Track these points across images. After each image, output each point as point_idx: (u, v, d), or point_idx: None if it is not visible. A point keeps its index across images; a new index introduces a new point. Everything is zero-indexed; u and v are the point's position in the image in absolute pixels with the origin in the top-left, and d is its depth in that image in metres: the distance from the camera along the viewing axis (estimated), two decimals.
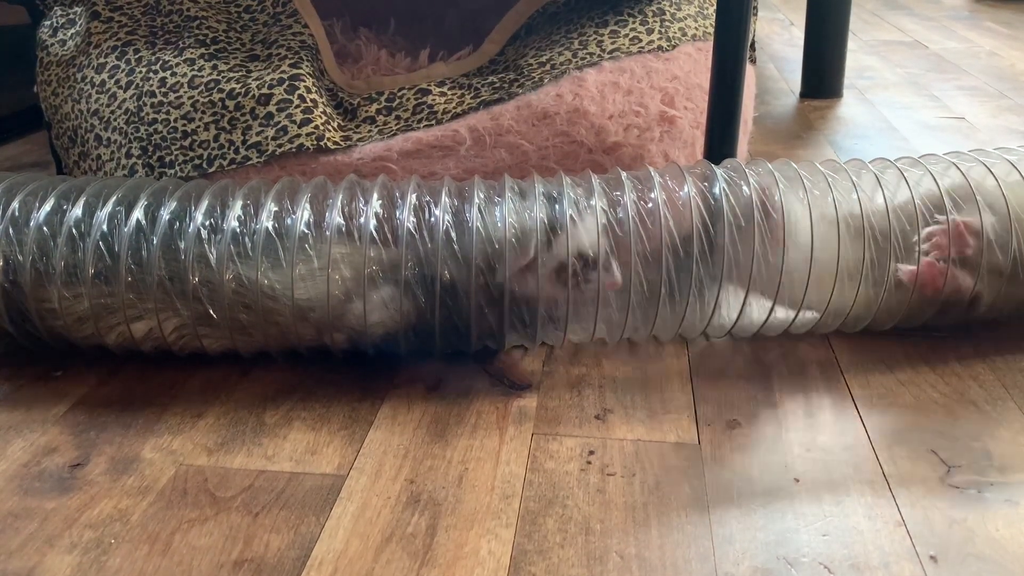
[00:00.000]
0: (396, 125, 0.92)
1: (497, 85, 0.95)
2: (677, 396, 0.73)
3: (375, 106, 0.93)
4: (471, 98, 0.93)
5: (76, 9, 1.01)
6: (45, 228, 0.72)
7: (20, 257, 0.72)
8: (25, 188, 0.75)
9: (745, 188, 0.73)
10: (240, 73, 0.91)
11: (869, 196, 0.75)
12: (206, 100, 0.89)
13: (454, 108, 0.92)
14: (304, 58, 0.92)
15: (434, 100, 0.93)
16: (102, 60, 0.94)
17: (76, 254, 0.71)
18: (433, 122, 0.92)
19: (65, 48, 0.99)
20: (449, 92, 0.95)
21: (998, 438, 0.67)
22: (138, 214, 0.72)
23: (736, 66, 0.88)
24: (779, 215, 0.72)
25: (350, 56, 1.15)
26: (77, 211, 0.72)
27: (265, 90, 0.88)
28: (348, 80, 0.98)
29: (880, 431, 0.68)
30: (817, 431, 0.68)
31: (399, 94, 0.94)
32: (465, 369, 0.77)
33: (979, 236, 0.72)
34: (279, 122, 0.88)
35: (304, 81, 0.90)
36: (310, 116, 0.88)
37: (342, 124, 0.92)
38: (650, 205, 0.72)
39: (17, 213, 0.73)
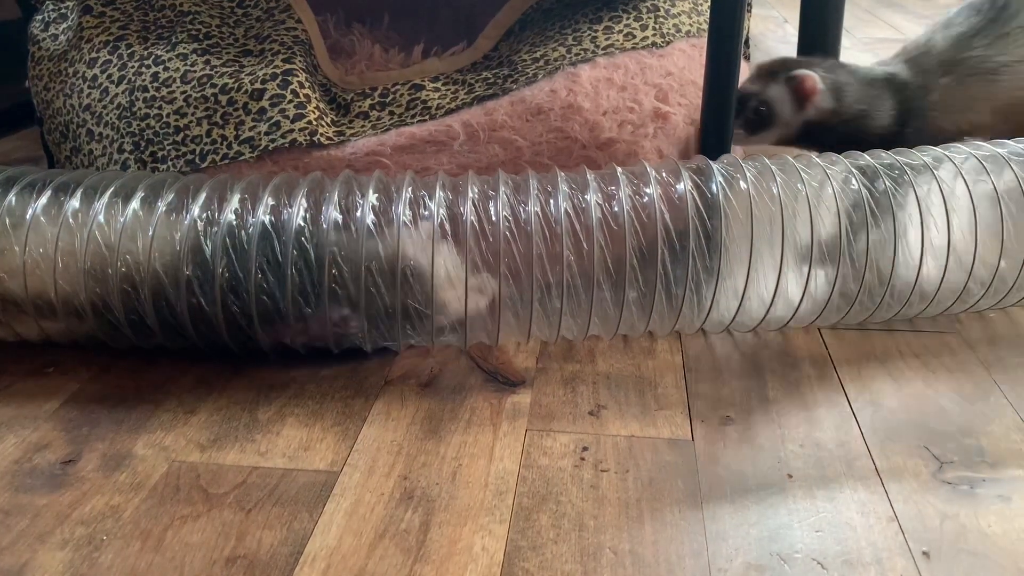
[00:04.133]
0: (389, 120, 0.92)
1: (491, 80, 0.95)
2: (671, 392, 0.73)
3: (368, 101, 0.93)
4: (465, 93, 0.93)
5: (68, 3, 1.01)
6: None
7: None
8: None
9: (743, 183, 0.73)
10: (233, 68, 0.90)
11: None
12: (199, 95, 0.88)
13: (448, 103, 0.92)
14: (297, 53, 0.92)
15: (428, 95, 0.93)
16: (94, 55, 0.94)
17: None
18: (427, 117, 0.91)
19: (57, 43, 0.99)
20: (443, 88, 0.94)
21: (990, 434, 0.67)
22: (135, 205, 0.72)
23: (730, 62, 0.88)
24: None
25: (343, 51, 1.14)
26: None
27: (258, 85, 0.88)
28: (341, 75, 0.97)
29: (873, 427, 0.68)
30: (810, 427, 0.68)
31: (392, 89, 0.94)
32: (459, 365, 0.77)
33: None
34: (272, 117, 0.87)
35: (297, 76, 0.89)
36: (303, 111, 0.88)
37: (335, 119, 0.92)
38: (645, 199, 0.72)
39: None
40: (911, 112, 0.94)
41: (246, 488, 0.62)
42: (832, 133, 0.93)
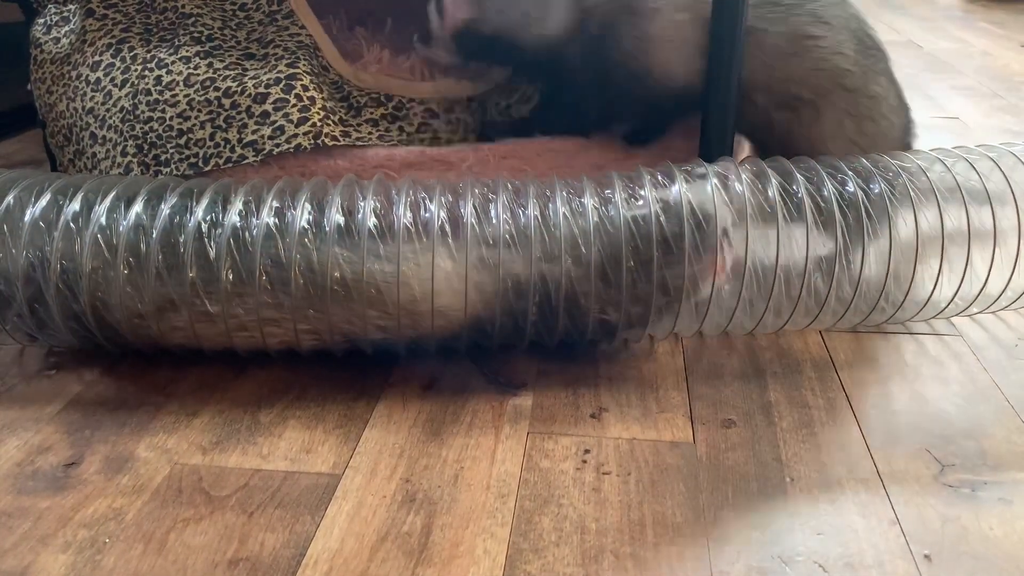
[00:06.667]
0: (398, 136, 0.93)
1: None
2: (672, 395, 0.73)
3: (381, 110, 0.95)
4: (474, 133, 0.97)
5: (70, 7, 1.01)
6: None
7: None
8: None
9: (738, 186, 0.73)
10: (236, 71, 0.91)
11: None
12: (202, 98, 0.89)
13: (457, 140, 0.95)
14: (301, 58, 0.92)
15: (439, 126, 0.96)
16: (97, 58, 0.94)
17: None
18: (435, 144, 0.94)
19: (59, 46, 0.99)
20: (455, 122, 0.97)
21: (992, 437, 0.67)
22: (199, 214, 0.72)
23: (731, 66, 0.88)
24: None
25: (348, 55, 1.15)
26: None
27: (262, 89, 0.88)
28: (355, 72, 0.98)
29: (874, 429, 0.68)
30: (811, 429, 0.68)
31: (408, 105, 0.96)
32: (460, 368, 0.77)
33: None
34: (276, 121, 0.88)
35: (301, 80, 0.90)
36: (307, 115, 0.88)
37: (343, 118, 0.92)
38: (640, 203, 0.72)
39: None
40: (601, 39, 0.84)
41: (248, 491, 0.62)
42: (487, 49, 0.88)
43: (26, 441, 0.67)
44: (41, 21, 1.03)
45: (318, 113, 0.89)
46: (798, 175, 0.75)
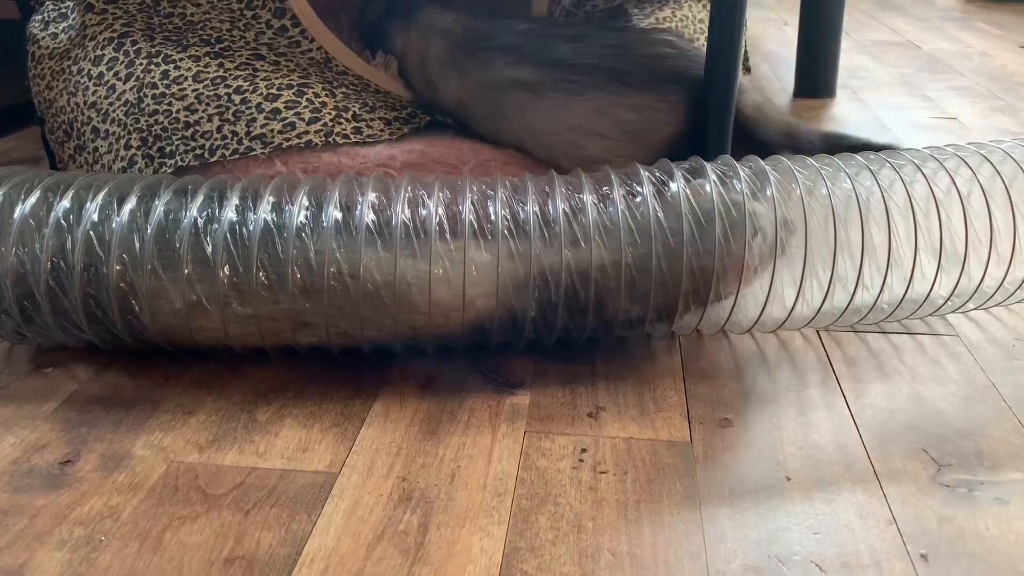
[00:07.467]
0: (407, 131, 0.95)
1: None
2: (669, 394, 0.73)
3: (394, 114, 0.95)
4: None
5: (68, 3, 1.01)
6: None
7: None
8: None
9: (737, 183, 0.73)
10: (247, 71, 0.91)
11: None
12: (211, 93, 0.89)
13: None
14: (312, 73, 0.93)
15: (451, 124, 0.97)
16: (99, 52, 0.94)
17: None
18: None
19: (57, 41, 0.99)
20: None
21: (989, 436, 0.67)
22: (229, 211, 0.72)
23: (730, 64, 0.88)
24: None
25: None
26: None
27: (273, 91, 0.89)
28: (370, 71, 0.99)
29: (872, 429, 0.68)
30: (809, 429, 0.68)
31: (420, 114, 0.97)
32: (458, 366, 0.77)
33: None
34: (287, 118, 0.88)
35: (313, 88, 0.91)
36: (319, 115, 0.89)
37: (357, 113, 0.92)
38: (638, 199, 0.72)
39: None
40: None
41: (245, 489, 0.62)
42: None
43: (22, 439, 0.67)
44: (38, 18, 1.02)
45: (329, 114, 0.90)
46: (795, 173, 0.75)
